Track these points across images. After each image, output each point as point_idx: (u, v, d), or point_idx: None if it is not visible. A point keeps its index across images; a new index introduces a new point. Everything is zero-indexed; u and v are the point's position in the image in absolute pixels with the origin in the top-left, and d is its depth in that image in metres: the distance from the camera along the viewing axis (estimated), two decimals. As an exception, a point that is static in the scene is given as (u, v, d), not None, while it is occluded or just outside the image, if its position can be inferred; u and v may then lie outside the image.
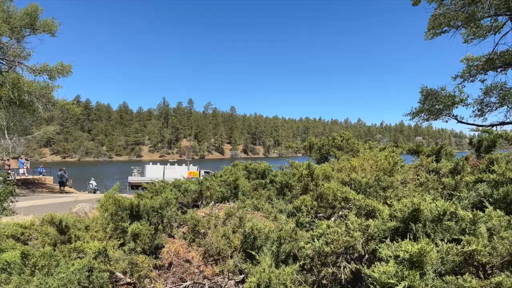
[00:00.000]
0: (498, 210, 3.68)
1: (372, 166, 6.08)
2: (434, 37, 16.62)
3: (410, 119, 18.60)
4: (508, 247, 2.92)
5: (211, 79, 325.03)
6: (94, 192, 30.71)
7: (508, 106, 16.40)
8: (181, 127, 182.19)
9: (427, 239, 3.12)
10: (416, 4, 15.89)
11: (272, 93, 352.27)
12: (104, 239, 4.34)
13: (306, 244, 3.54)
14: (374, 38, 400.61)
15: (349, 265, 3.61)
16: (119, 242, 4.28)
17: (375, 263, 3.00)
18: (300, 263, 3.45)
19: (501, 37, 15.77)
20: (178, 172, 29.82)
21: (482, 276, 2.95)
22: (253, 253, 3.67)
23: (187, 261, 4.32)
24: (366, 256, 3.69)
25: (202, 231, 4.74)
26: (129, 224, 4.36)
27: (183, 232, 4.92)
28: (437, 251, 2.97)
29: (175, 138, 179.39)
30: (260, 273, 3.07)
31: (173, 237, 4.81)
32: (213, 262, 4.24)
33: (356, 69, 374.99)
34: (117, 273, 3.88)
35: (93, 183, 32.07)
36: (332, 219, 4.96)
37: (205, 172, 30.73)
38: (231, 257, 4.18)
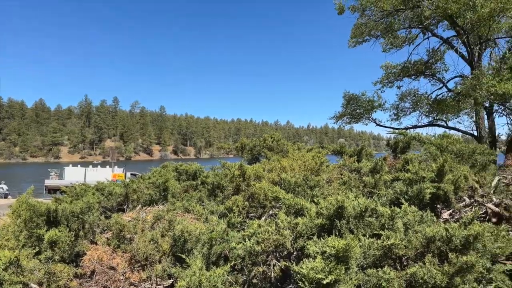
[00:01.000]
0: (412, 206, 4.02)
1: (300, 166, 6.30)
2: (356, 45, 17.75)
3: (334, 122, 19.66)
4: (421, 240, 3.20)
5: (139, 77, 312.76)
6: (5, 197, 27.84)
7: (420, 111, 18.09)
8: (105, 126, 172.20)
9: (351, 235, 3.30)
10: (341, 13, 16.85)
11: (203, 94, 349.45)
12: (17, 248, 3.93)
13: (238, 245, 3.54)
14: (303, 43, 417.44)
15: (278, 263, 3.68)
16: (34, 251, 3.90)
17: (303, 259, 3.09)
18: (231, 263, 3.43)
19: (414, 48, 17.37)
20: (102, 175, 28.20)
21: (399, 267, 3.18)
22: (183, 256, 3.58)
23: (112, 268, 4.08)
24: (295, 253, 3.79)
25: (128, 236, 4.51)
26: (46, 231, 4.00)
27: (107, 238, 4.64)
28: (360, 246, 3.15)
29: (98, 138, 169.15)
30: (190, 276, 3.00)
31: (96, 243, 4.51)
32: (140, 268, 4.05)
33: (285, 74, 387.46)
34: (32, 285, 3.53)
35: (3, 187, 29.05)
36: (263, 218, 5.03)
37: (131, 174, 29.47)
38: (160, 261, 4.03)
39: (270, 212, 5.12)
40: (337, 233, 3.49)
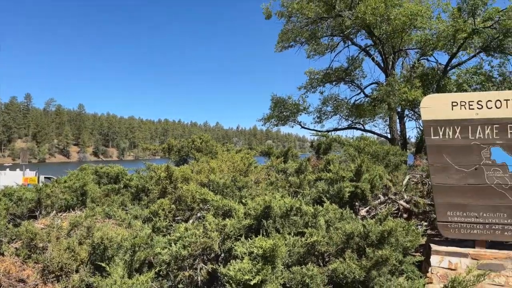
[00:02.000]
0: (333, 204, 4.23)
1: (229, 167, 6.30)
2: (283, 50, 18.31)
3: (262, 124, 20.06)
4: (342, 236, 3.37)
5: (55, 73, 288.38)
6: None
7: (340, 115, 19.22)
8: (15, 125, 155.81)
9: (277, 234, 3.37)
10: (268, 18, 17.25)
11: (128, 92, 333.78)
12: None
13: (163, 250, 3.41)
14: (234, 45, 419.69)
15: (205, 266, 3.62)
16: None
17: (231, 261, 3.08)
18: (156, 270, 3.30)
19: (336, 55, 18.43)
20: (10, 178, 25.45)
21: (321, 264, 3.32)
22: (103, 264, 3.35)
23: (21, 280, 3.69)
24: (223, 255, 3.77)
25: (41, 245, 4.11)
26: None
27: (16, 248, 4.19)
28: (286, 245, 3.22)
29: (7, 138, 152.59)
30: (110, 285, 2.82)
31: (3, 254, 4.05)
32: (55, 279, 3.72)
33: (216, 74, 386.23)
34: None
35: None
36: (191, 221, 4.93)
37: (45, 177, 27.03)
38: (77, 271, 3.73)
39: (198, 214, 5.04)
40: (264, 233, 3.54)
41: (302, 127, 19.58)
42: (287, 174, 6.40)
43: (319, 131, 18.07)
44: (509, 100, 4.39)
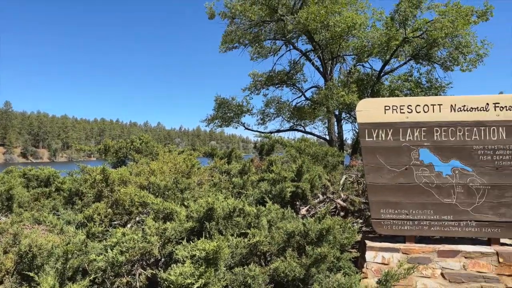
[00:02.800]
0: (275, 204, 4.29)
1: (171, 169, 6.14)
2: (227, 51, 18.32)
3: (206, 125, 19.91)
4: (283, 235, 3.43)
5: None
6: None
7: (282, 117, 19.65)
8: None
9: (220, 236, 3.34)
10: (211, 18, 17.15)
11: (60, 89, 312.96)
12: None
13: (98, 256, 3.23)
14: (178, 44, 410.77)
15: (145, 272, 3.50)
16: None
17: (172, 265, 3.00)
18: (91, 277, 3.12)
19: (278, 58, 18.87)
20: None
21: (263, 263, 3.35)
22: (31, 274, 3.10)
23: None
24: (163, 259, 3.66)
25: (-44, 256, 3.70)
26: None
27: None
28: (228, 246, 3.21)
29: None
30: (39, 297, 2.61)
31: None
32: (-27, 294, 3.36)
33: (157, 73, 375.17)
34: None
35: None
36: (129, 225, 4.73)
37: None
38: (2, 282, 3.41)
39: (137, 218, 4.85)
40: (207, 235, 3.50)
41: (246, 128, 19.75)
42: (231, 175, 6.40)
43: (263, 132, 18.32)
44: (435, 105, 4.76)
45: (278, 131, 19.51)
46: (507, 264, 4.45)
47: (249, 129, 19.75)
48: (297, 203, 5.86)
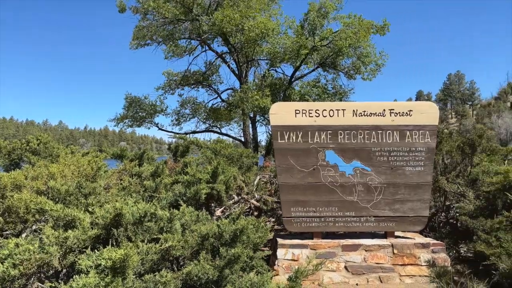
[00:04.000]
0: (190, 207, 4.21)
1: (74, 172, 5.66)
2: (138, 47, 17.53)
3: (114, 125, 18.80)
4: (197, 238, 3.38)
5: None
6: None
7: (198, 118, 19.45)
8: None
9: (129, 243, 3.17)
10: (122, 12, 16.27)
11: None
12: None
13: (-17, 273, 2.83)
14: (83, 32, 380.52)
15: (42, 285, 3.16)
16: None
17: (74, 276, 2.76)
18: (-27, 298, 2.71)
19: (194, 59, 18.58)
20: None
21: (176, 268, 3.26)
22: None
23: None
24: (64, 271, 3.36)
25: None
26: None
27: None
28: (138, 253, 3.05)
29: None
30: None
31: None
32: None
33: (60, 65, 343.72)
34: None
35: None
36: (24, 235, 4.24)
37: None
38: None
39: (34, 227, 4.37)
40: (114, 243, 3.28)
41: (160, 129, 19.12)
42: (142, 178, 6.11)
43: (177, 133, 17.95)
44: (339, 110, 5.13)
45: (194, 132, 19.28)
46: (400, 254, 4.97)
47: (163, 130, 19.18)
48: (212, 204, 5.84)
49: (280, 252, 4.88)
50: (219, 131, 19.86)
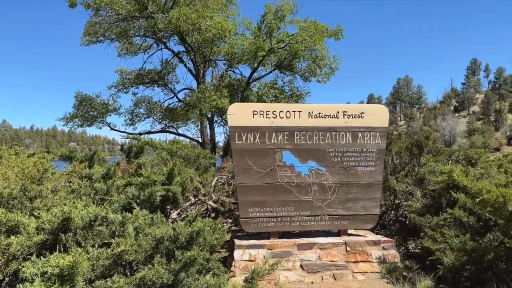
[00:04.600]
0: (144, 210, 4.09)
1: (18, 175, 5.31)
2: (90, 44, 16.80)
3: (63, 124, 17.88)
4: (151, 242, 3.28)
5: None
6: None
7: (153, 118, 18.96)
8: None
9: (79, 248, 3.02)
10: (72, 6, 15.51)
11: None
12: None
13: None
14: (28, 24, 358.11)
15: (-19, 298, 2.93)
16: None
17: (18, 285, 2.59)
18: None
19: (149, 57, 18.08)
20: None
21: (129, 273, 3.15)
22: None
23: None
24: (7, 279, 3.13)
25: None
26: None
27: None
28: (88, 259, 2.92)
29: None
30: None
31: None
32: None
33: (3, 60, 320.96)
34: None
35: None
36: (-42, 244, 3.91)
37: None
38: None
39: (-29, 234, 4.04)
40: (62, 249, 3.11)
41: (112, 129, 18.42)
42: (93, 180, 5.85)
43: (131, 133, 17.40)
44: (296, 111, 5.21)
45: (149, 132, 18.76)
46: (353, 252, 5.14)
47: (115, 130, 18.50)
48: (168, 207, 5.71)
49: (237, 253, 4.88)
50: (175, 131, 19.49)
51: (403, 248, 5.95)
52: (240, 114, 5.10)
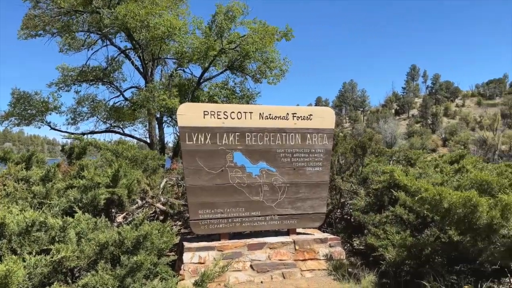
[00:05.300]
0: (86, 214, 3.88)
1: None
2: (28, 38, 15.71)
3: (-2, 123, 16.55)
4: (94, 247, 3.13)
5: None
6: None
7: (98, 117, 18.11)
8: None
9: (14, 256, 2.80)
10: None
11: None
12: None
13: None
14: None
15: None
16: None
17: None
18: None
19: (93, 53, 17.22)
20: None
21: (70, 281, 2.97)
22: None
23: None
24: None
25: None
26: None
27: None
28: (25, 267, 2.71)
29: None
30: None
31: None
32: None
33: None
34: None
35: None
36: None
37: None
38: None
39: None
40: (-7, 257, 2.87)
41: (52, 128, 17.34)
42: (30, 183, 5.46)
43: (73, 133, 16.48)
44: (247, 112, 5.23)
45: (92, 132, 17.89)
46: (301, 250, 5.25)
47: (56, 130, 17.42)
48: (113, 210, 5.48)
49: (186, 256, 4.79)
50: (121, 131, 18.77)
51: (349, 245, 6.19)
52: (190, 114, 5.02)
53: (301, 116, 5.44)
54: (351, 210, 6.63)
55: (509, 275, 3.99)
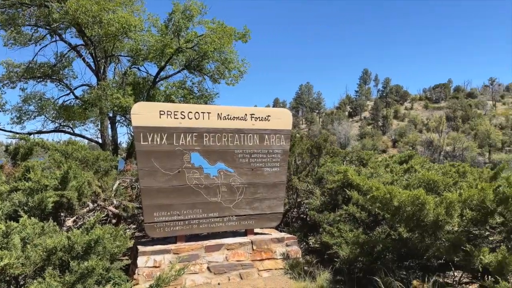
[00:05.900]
0: (33, 218, 3.65)
1: None
2: (-33, 29, 14.54)
3: None
4: (41, 253, 2.95)
5: None
6: None
7: (46, 116, 17.11)
8: None
9: None
10: None
11: None
12: None
13: None
14: None
15: None
16: None
17: None
18: None
19: (41, 49, 16.24)
20: None
21: (14, 290, 2.78)
22: None
23: None
24: None
25: None
26: None
27: None
28: (-40, 278, 2.50)
29: None
30: None
31: None
32: None
33: None
34: None
35: None
36: None
37: None
38: None
39: None
40: None
41: (-5, 127, 16.17)
42: (-32, 186, 5.05)
43: (18, 133, 15.44)
44: (205, 112, 5.18)
45: (40, 132, 16.88)
46: (258, 250, 5.28)
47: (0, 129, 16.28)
48: (62, 214, 5.21)
49: (140, 260, 4.65)
50: (71, 131, 17.86)
51: (305, 243, 6.31)
52: (145, 113, 4.88)
53: (259, 117, 5.47)
54: (307, 210, 6.76)
55: (453, 268, 4.26)
